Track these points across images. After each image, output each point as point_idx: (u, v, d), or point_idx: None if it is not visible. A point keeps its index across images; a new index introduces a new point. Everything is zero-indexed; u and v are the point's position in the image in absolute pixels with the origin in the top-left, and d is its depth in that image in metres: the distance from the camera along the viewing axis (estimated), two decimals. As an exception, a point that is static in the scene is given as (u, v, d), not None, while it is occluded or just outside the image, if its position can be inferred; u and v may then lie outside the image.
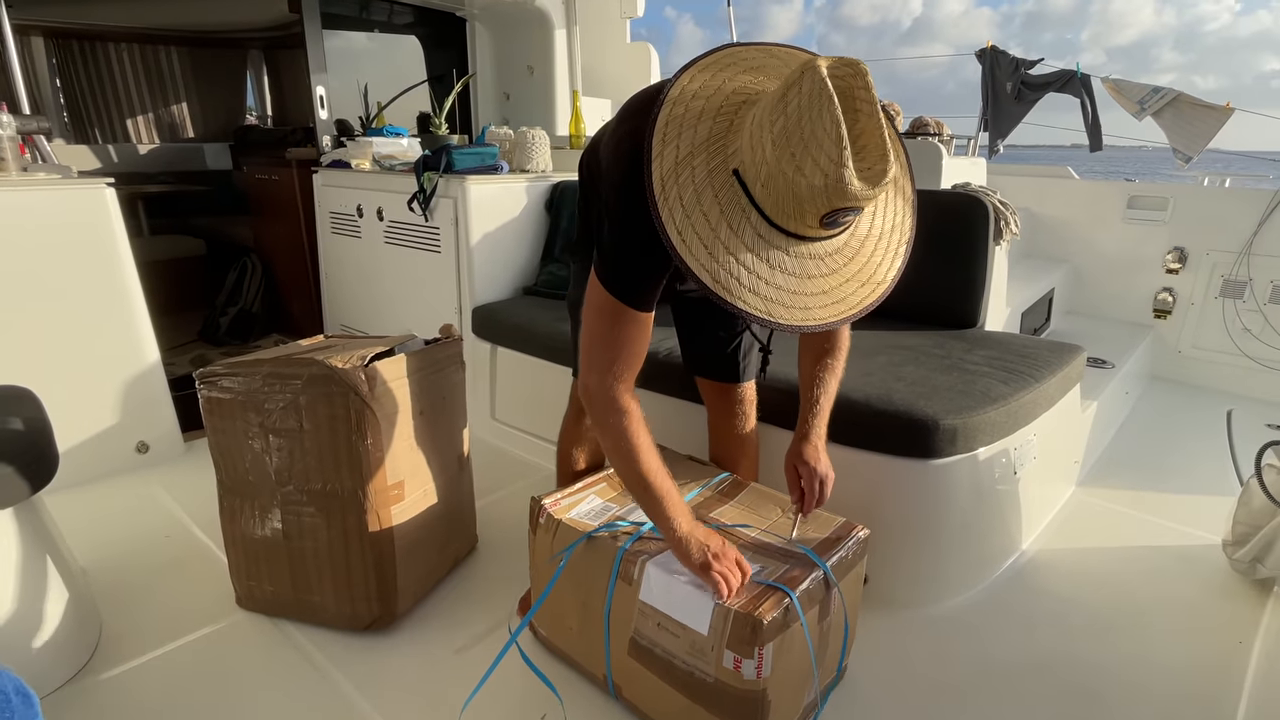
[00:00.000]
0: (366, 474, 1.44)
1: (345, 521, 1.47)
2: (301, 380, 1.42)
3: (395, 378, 1.51)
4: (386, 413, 1.46)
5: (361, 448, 1.42)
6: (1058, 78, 3.95)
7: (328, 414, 1.42)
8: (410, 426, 1.55)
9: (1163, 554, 1.92)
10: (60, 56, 4.33)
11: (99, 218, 2.13)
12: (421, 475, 1.59)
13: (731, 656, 1.12)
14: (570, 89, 3.72)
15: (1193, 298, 3.28)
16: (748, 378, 1.58)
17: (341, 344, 1.62)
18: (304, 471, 1.46)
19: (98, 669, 1.43)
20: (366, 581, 1.50)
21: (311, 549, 1.50)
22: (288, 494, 1.49)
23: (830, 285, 1.01)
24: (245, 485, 1.53)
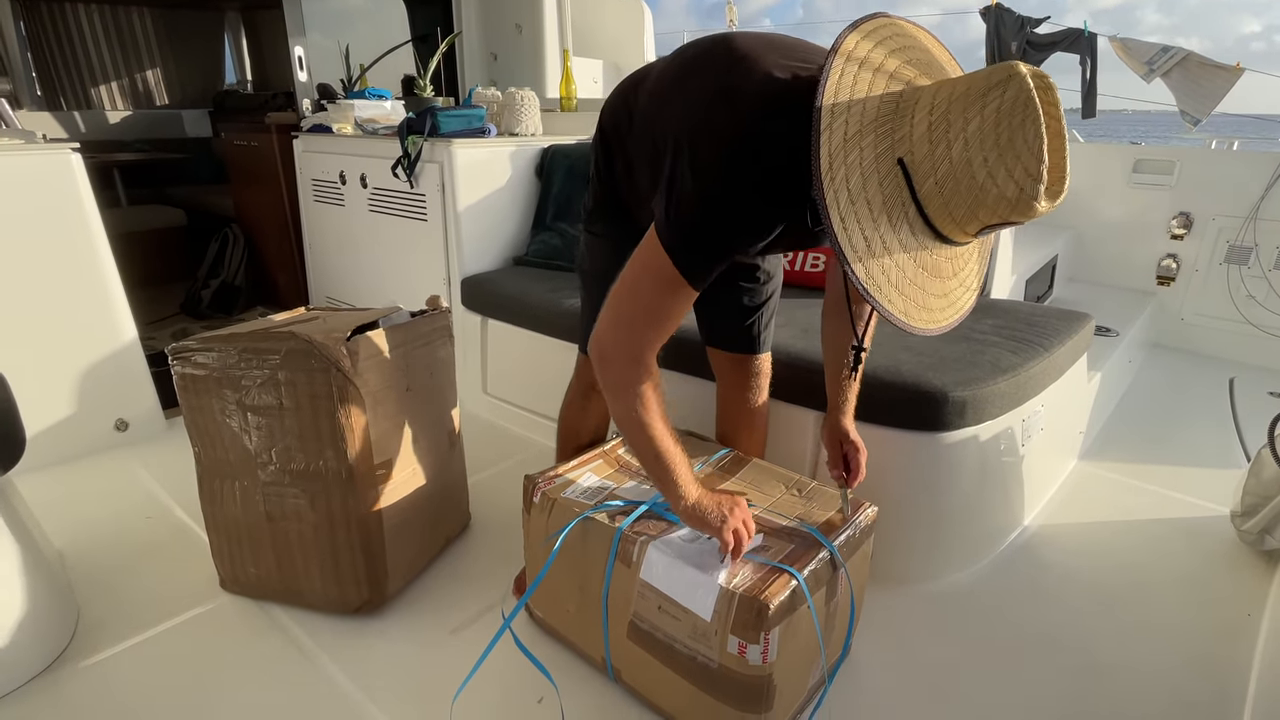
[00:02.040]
0: (351, 453, 1.37)
1: (330, 503, 1.41)
2: (279, 355, 1.34)
3: (379, 352, 1.44)
4: (371, 389, 1.39)
5: (345, 425, 1.35)
6: (1064, 36, 3.84)
7: (308, 391, 1.34)
8: (396, 403, 1.48)
9: (1169, 525, 1.89)
10: (29, 20, 4.15)
11: (64, 185, 2.02)
12: (409, 453, 1.53)
13: (736, 642, 1.08)
14: (560, 49, 3.58)
15: (1197, 264, 3.22)
16: (765, 349, 1.51)
17: (323, 317, 1.54)
18: (285, 451, 1.40)
19: (74, 657, 1.38)
20: (354, 564, 1.45)
21: (296, 531, 1.44)
22: (270, 474, 1.42)
23: (949, 289, 0.97)
24: (225, 466, 1.46)
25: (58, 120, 4.13)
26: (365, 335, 1.41)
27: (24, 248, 1.98)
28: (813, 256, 2.24)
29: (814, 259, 2.23)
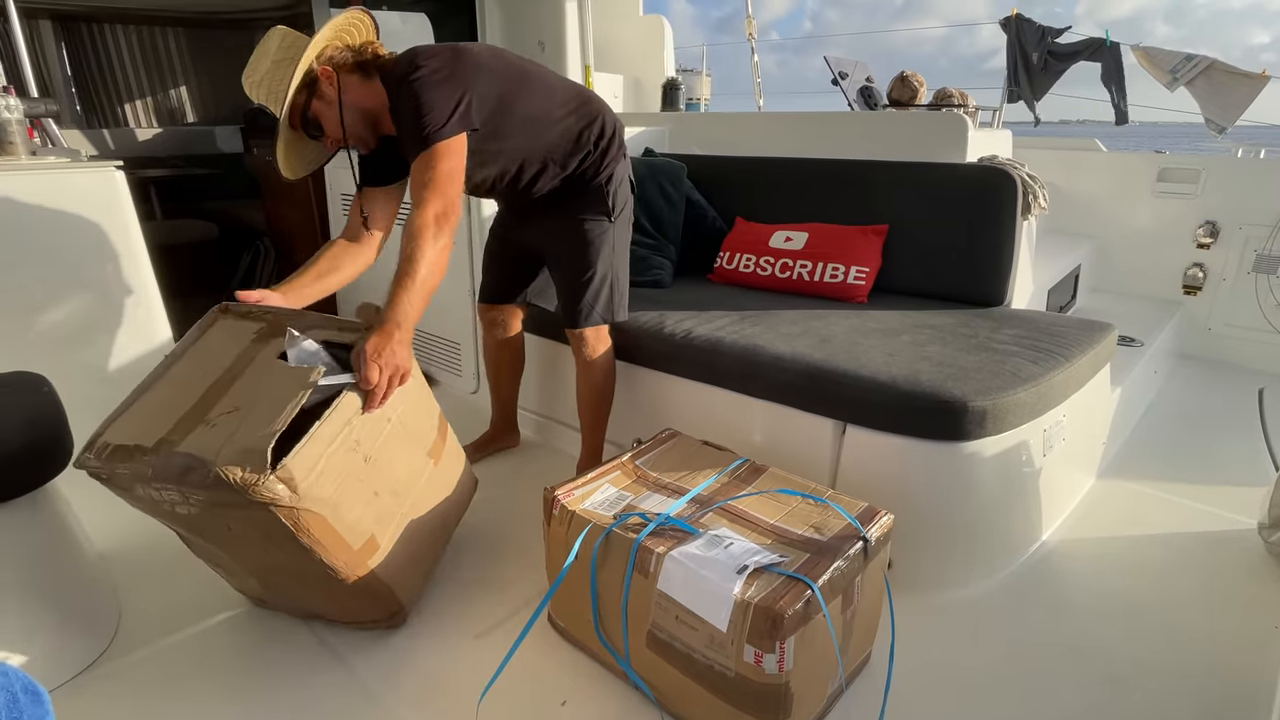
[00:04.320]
0: (327, 556, 1.25)
1: (323, 585, 1.33)
2: (202, 498, 1.14)
3: (322, 456, 1.20)
4: (326, 497, 1.20)
5: (312, 543, 1.21)
6: (1086, 46, 3.82)
7: (257, 522, 1.17)
8: (360, 485, 1.29)
9: (1195, 538, 1.87)
10: (69, 40, 4.31)
11: (109, 200, 2.11)
12: (391, 511, 1.40)
13: (752, 651, 1.10)
14: (582, 64, 3.64)
15: (1224, 273, 3.18)
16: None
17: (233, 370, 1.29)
18: (261, 556, 1.30)
19: (116, 654, 1.43)
20: (362, 606, 1.45)
21: (302, 594, 1.45)
22: (253, 567, 1.37)
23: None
24: (210, 557, 1.42)
25: (97, 138, 4.28)
26: (300, 453, 1.16)
27: (70, 260, 2.07)
28: (831, 267, 2.25)
29: (833, 269, 2.25)
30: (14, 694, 0.61)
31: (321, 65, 1.49)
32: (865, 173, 2.38)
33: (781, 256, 2.34)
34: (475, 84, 1.52)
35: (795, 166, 2.53)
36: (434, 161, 1.46)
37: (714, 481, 1.44)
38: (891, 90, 3.52)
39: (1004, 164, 2.23)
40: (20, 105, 2.11)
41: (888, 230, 2.28)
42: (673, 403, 1.99)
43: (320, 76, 1.49)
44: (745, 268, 2.40)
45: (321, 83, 1.49)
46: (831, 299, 2.22)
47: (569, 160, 1.75)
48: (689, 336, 1.91)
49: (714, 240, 2.54)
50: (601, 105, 1.82)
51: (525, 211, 1.87)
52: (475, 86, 1.52)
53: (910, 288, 2.27)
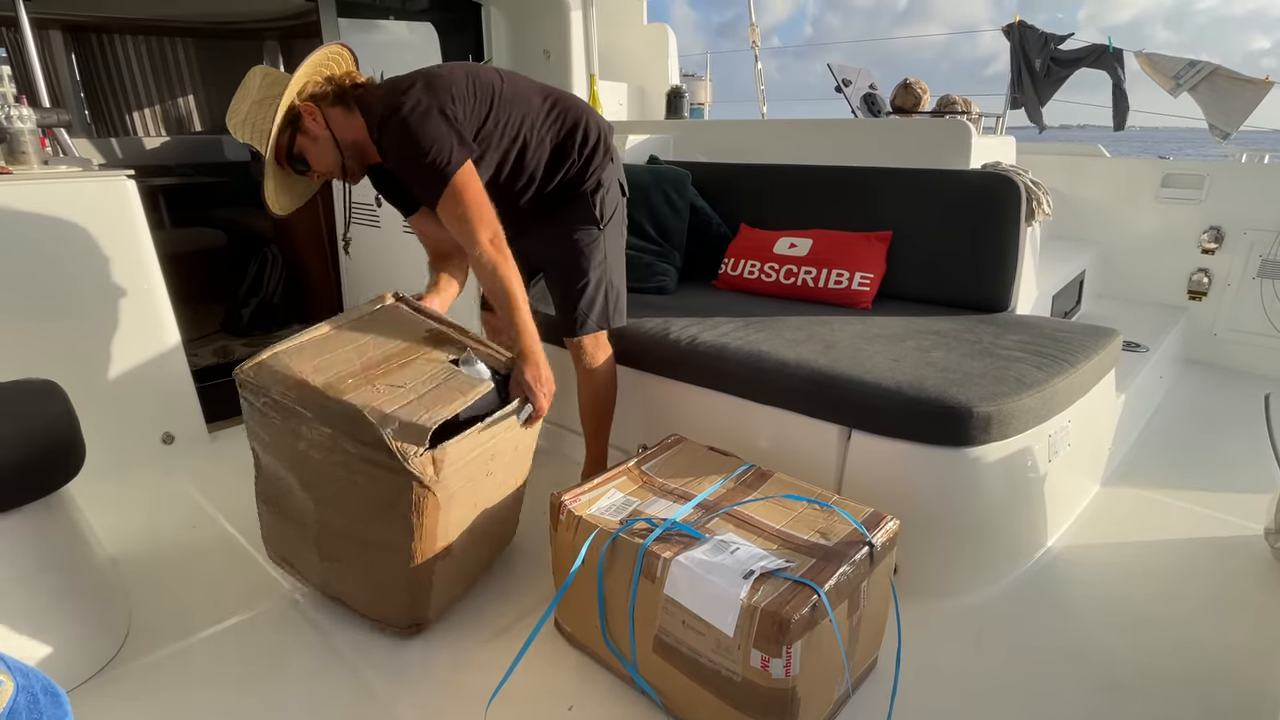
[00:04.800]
0: (417, 543, 1.34)
1: (388, 566, 1.40)
2: (354, 450, 1.29)
3: (465, 455, 1.35)
4: (450, 492, 1.33)
5: (416, 525, 1.32)
6: (1089, 53, 3.83)
7: (386, 486, 1.30)
8: (473, 495, 1.43)
9: (1201, 544, 1.87)
10: (79, 50, 4.35)
11: (120, 209, 2.14)
12: (470, 529, 1.49)
13: (759, 655, 1.10)
14: (587, 73, 3.67)
15: (1229, 278, 3.17)
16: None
17: (408, 370, 1.42)
18: (352, 514, 1.38)
19: (128, 658, 1.45)
20: (399, 604, 1.47)
21: (348, 567, 1.47)
22: (329, 516, 1.42)
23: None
24: (285, 486, 1.46)
25: (106, 147, 4.32)
26: (454, 442, 1.31)
27: (82, 268, 2.10)
28: (836, 273, 2.26)
29: (838, 275, 2.26)
30: (34, 695, 0.62)
31: (304, 101, 1.49)
32: (869, 179, 2.39)
33: (786, 263, 2.35)
34: (457, 109, 1.52)
35: (799, 173, 2.55)
36: (458, 196, 1.49)
37: (720, 487, 1.45)
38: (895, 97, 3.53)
39: (1007, 170, 2.24)
40: (33, 115, 2.14)
41: (892, 236, 2.29)
42: (678, 408, 1.99)
43: (303, 113, 1.49)
44: (750, 274, 2.41)
45: (305, 119, 1.49)
46: (836, 305, 2.23)
47: (554, 172, 1.74)
48: (694, 342, 1.92)
49: (719, 247, 2.55)
50: (582, 110, 1.78)
51: (514, 221, 1.86)
52: (457, 112, 1.52)
53: (914, 294, 2.27)
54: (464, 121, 1.53)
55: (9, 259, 1.98)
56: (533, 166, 1.70)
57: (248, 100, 1.50)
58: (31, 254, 2.01)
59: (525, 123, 1.67)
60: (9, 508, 1.26)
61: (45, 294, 2.05)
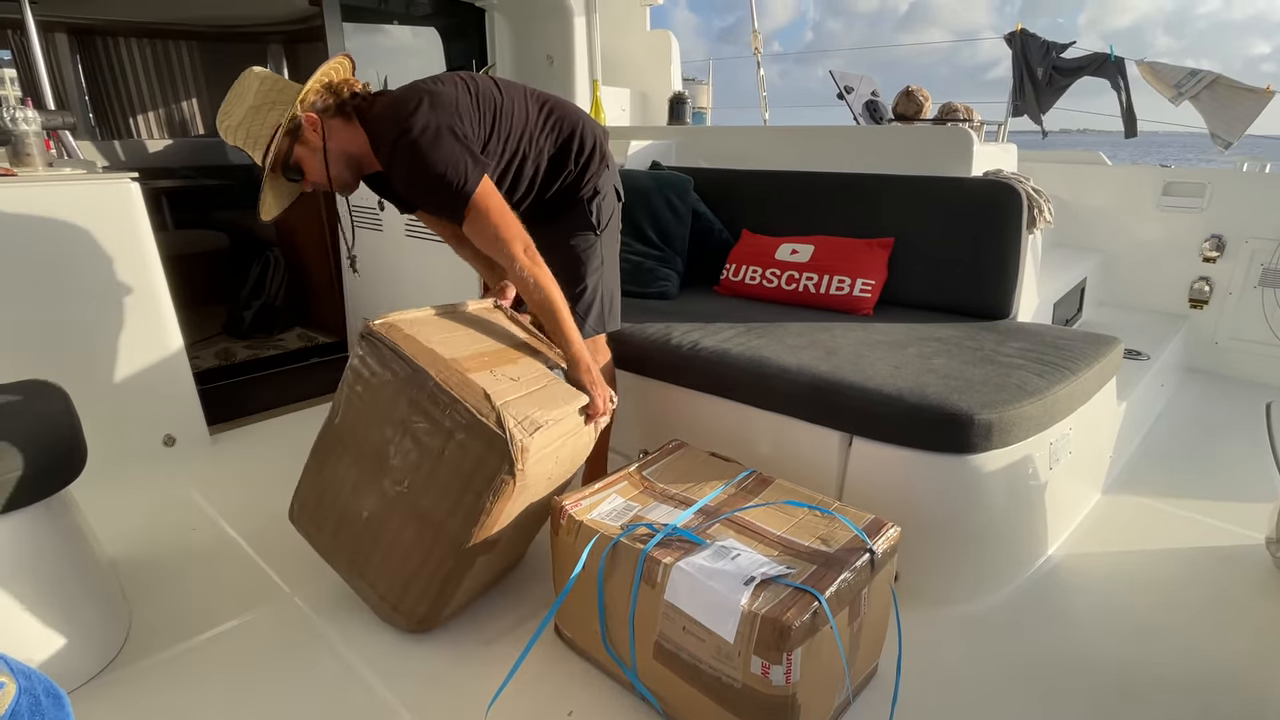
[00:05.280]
0: (476, 527, 1.37)
1: (431, 546, 1.42)
2: (466, 421, 1.33)
3: (547, 446, 1.40)
4: (525, 483, 1.37)
5: (487, 509, 1.36)
6: (1091, 61, 3.84)
7: (473, 462, 1.34)
8: (536, 493, 1.47)
9: (1202, 552, 1.86)
10: (84, 53, 4.37)
11: (124, 212, 2.14)
12: (520, 529, 1.52)
13: (759, 662, 1.10)
14: (590, 78, 3.68)
15: (1230, 287, 3.18)
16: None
17: (519, 367, 1.51)
18: (419, 486, 1.40)
19: (128, 660, 1.44)
20: (422, 596, 1.47)
21: (388, 541, 1.47)
22: (393, 491, 1.43)
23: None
24: (356, 446, 1.48)
25: (110, 150, 4.33)
26: (541, 431, 1.36)
27: (86, 270, 2.10)
28: (837, 279, 2.27)
29: (839, 282, 2.26)
30: (36, 697, 0.62)
31: (305, 112, 1.47)
32: (871, 186, 2.40)
33: (788, 269, 2.35)
34: (465, 127, 1.51)
35: (801, 180, 2.55)
36: (483, 213, 1.49)
37: (721, 492, 1.45)
38: (897, 105, 3.54)
39: (1009, 178, 2.25)
40: (38, 117, 2.15)
41: (894, 243, 2.30)
42: (679, 414, 2.00)
43: (305, 123, 1.47)
44: (751, 280, 2.42)
45: (305, 129, 1.48)
46: (837, 311, 2.23)
47: (551, 181, 1.74)
48: (695, 348, 1.92)
49: (720, 252, 2.56)
50: (578, 118, 1.77)
51: None
52: (466, 130, 1.51)
53: (916, 300, 2.28)
54: (473, 139, 1.52)
55: (13, 260, 1.99)
56: (531, 175, 1.70)
57: (243, 105, 1.47)
58: (36, 255, 2.02)
59: (525, 135, 1.66)
60: (11, 509, 1.26)
61: (49, 295, 2.05)
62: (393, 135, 1.45)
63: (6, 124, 2.09)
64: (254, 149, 1.49)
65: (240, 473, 2.23)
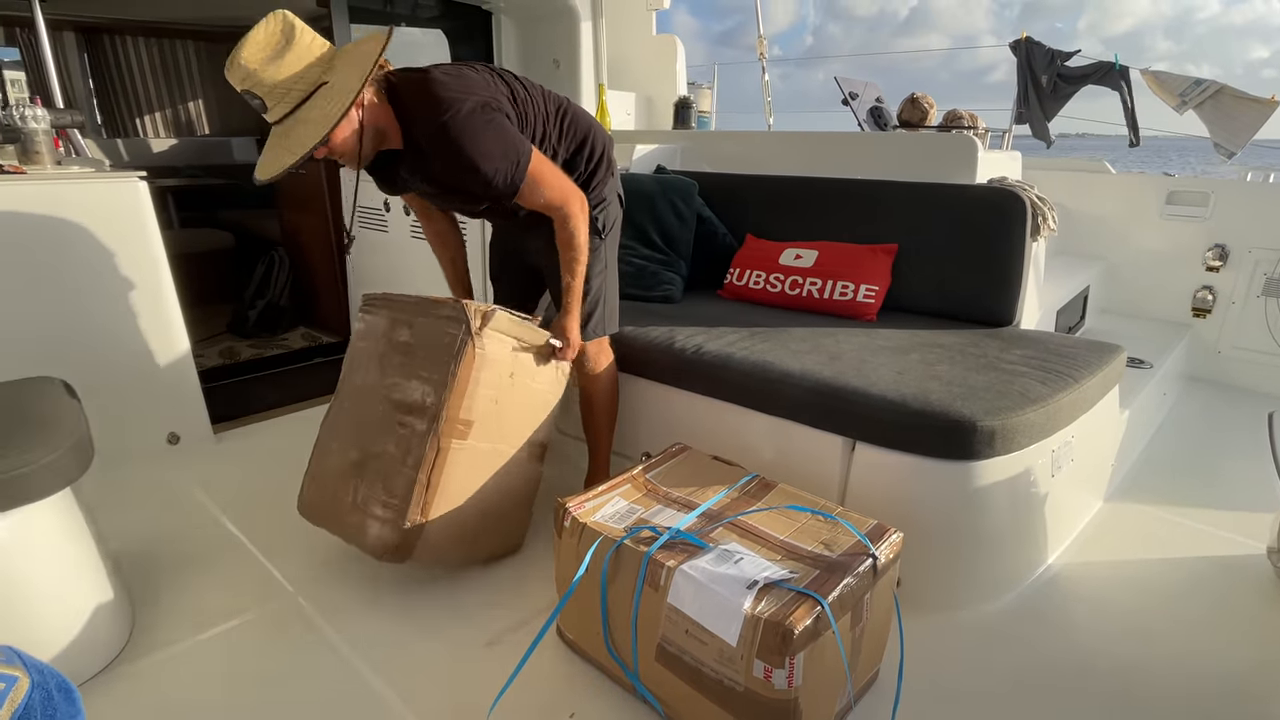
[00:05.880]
0: (446, 396, 1.53)
1: (411, 439, 1.54)
2: (435, 307, 1.60)
3: (504, 332, 1.62)
4: (485, 353, 1.57)
5: (450, 371, 1.53)
6: (1095, 70, 3.85)
7: (439, 336, 1.56)
8: (499, 379, 1.63)
9: (1204, 562, 1.86)
10: (92, 52, 4.39)
11: (132, 210, 2.16)
12: (489, 431, 1.63)
13: (761, 666, 1.10)
14: (596, 82, 3.70)
15: (1233, 296, 3.18)
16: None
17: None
18: (399, 382, 1.60)
19: (131, 657, 1.45)
20: (403, 499, 1.52)
21: (373, 451, 1.60)
22: (381, 392, 1.62)
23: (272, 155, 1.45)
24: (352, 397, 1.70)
25: (117, 148, 4.35)
26: (501, 312, 1.60)
27: (94, 268, 2.11)
28: (841, 285, 2.27)
29: (843, 287, 2.27)
30: (49, 691, 0.63)
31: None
32: (875, 192, 2.41)
33: (791, 274, 2.36)
34: (504, 105, 1.56)
35: (806, 185, 2.56)
36: (540, 183, 1.57)
37: (724, 496, 1.45)
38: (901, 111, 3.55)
39: (1014, 186, 2.25)
40: (47, 116, 2.16)
41: (897, 249, 2.31)
42: (682, 417, 2.00)
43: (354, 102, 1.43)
44: (755, 284, 2.42)
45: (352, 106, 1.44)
46: (841, 317, 2.24)
47: None
48: (699, 352, 1.92)
49: (724, 257, 2.56)
50: (590, 124, 1.79)
51: (519, 225, 1.86)
52: (505, 107, 1.55)
53: (919, 307, 2.28)
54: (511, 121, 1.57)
55: (23, 257, 2.00)
56: None
57: (284, 64, 1.37)
58: (44, 253, 2.03)
59: (544, 135, 1.68)
60: (20, 504, 1.27)
61: (57, 293, 2.06)
62: (442, 112, 1.45)
63: (16, 122, 2.10)
64: (279, 102, 1.40)
65: (244, 471, 2.23)
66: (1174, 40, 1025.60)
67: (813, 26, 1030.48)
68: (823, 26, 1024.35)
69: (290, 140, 1.42)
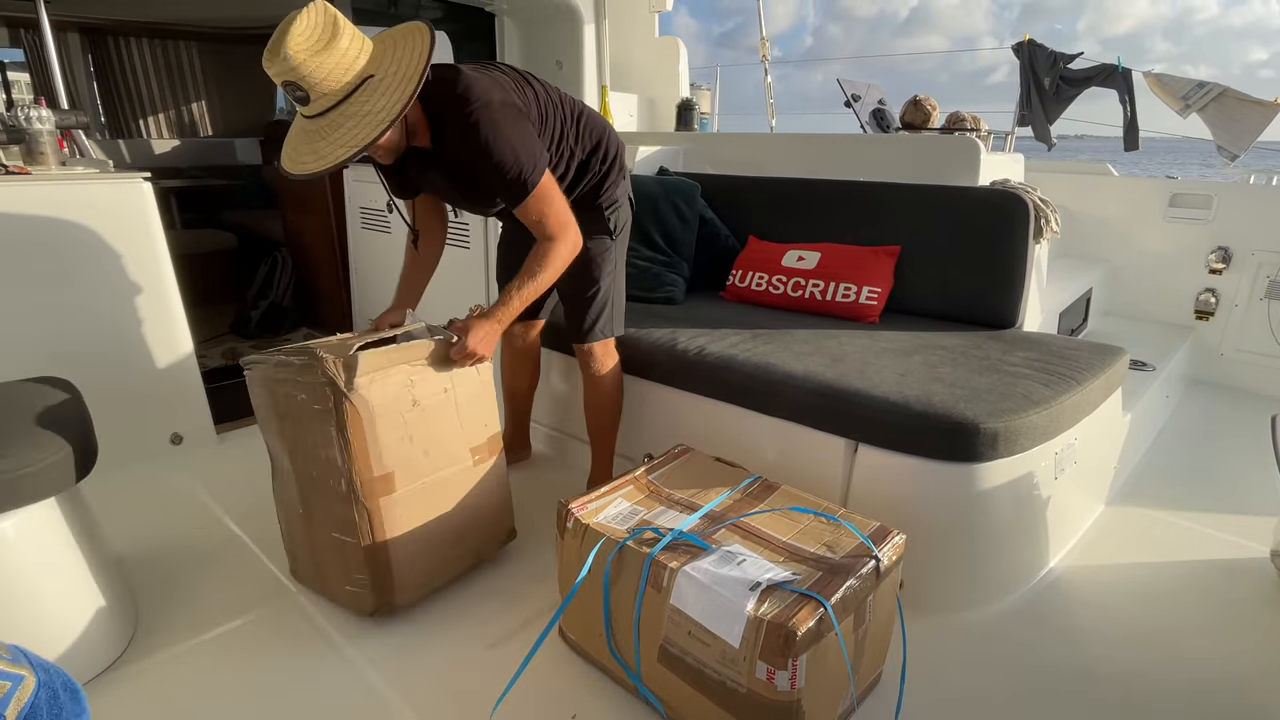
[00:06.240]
0: (351, 465, 1.42)
1: (338, 509, 1.48)
2: (295, 368, 1.45)
3: (381, 367, 1.46)
4: (369, 403, 1.43)
5: (342, 439, 1.41)
6: (1098, 72, 3.85)
7: (315, 403, 1.43)
8: (401, 418, 1.50)
9: (1206, 565, 1.86)
10: (96, 53, 4.41)
11: (136, 211, 2.16)
12: (417, 468, 1.54)
13: (764, 667, 1.10)
14: (599, 84, 3.70)
15: (1236, 299, 3.18)
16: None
17: (357, 339, 1.58)
18: (305, 457, 1.50)
19: (133, 658, 1.45)
20: (361, 570, 1.51)
21: (321, 531, 1.54)
22: (300, 470, 1.52)
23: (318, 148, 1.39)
24: (278, 458, 1.59)
25: (120, 149, 4.36)
26: (366, 351, 1.44)
27: (98, 268, 2.12)
28: (844, 286, 2.27)
29: (845, 289, 2.27)
30: (55, 691, 0.63)
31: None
32: (878, 194, 2.41)
33: (794, 275, 2.36)
34: (532, 111, 1.56)
35: (808, 187, 2.56)
36: (544, 203, 1.55)
37: (726, 498, 1.45)
38: (904, 113, 3.55)
39: (1016, 188, 2.25)
40: (52, 117, 2.17)
41: (900, 251, 2.31)
42: (685, 419, 2.00)
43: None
44: (758, 286, 2.42)
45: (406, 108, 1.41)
46: (843, 319, 2.24)
47: (575, 185, 1.77)
48: (701, 353, 1.92)
49: (727, 258, 2.57)
50: (604, 127, 1.81)
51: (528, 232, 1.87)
52: (531, 113, 1.56)
53: (922, 309, 2.28)
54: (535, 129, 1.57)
55: (28, 258, 2.00)
56: (557, 176, 1.71)
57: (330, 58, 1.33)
58: (49, 253, 2.03)
59: (563, 137, 1.69)
60: (24, 504, 1.27)
61: (61, 293, 2.07)
62: (471, 106, 1.45)
63: (21, 123, 2.10)
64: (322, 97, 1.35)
65: (247, 471, 2.23)
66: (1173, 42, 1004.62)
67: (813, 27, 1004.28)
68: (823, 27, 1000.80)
69: (335, 136, 1.38)
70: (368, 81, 1.37)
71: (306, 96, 1.35)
